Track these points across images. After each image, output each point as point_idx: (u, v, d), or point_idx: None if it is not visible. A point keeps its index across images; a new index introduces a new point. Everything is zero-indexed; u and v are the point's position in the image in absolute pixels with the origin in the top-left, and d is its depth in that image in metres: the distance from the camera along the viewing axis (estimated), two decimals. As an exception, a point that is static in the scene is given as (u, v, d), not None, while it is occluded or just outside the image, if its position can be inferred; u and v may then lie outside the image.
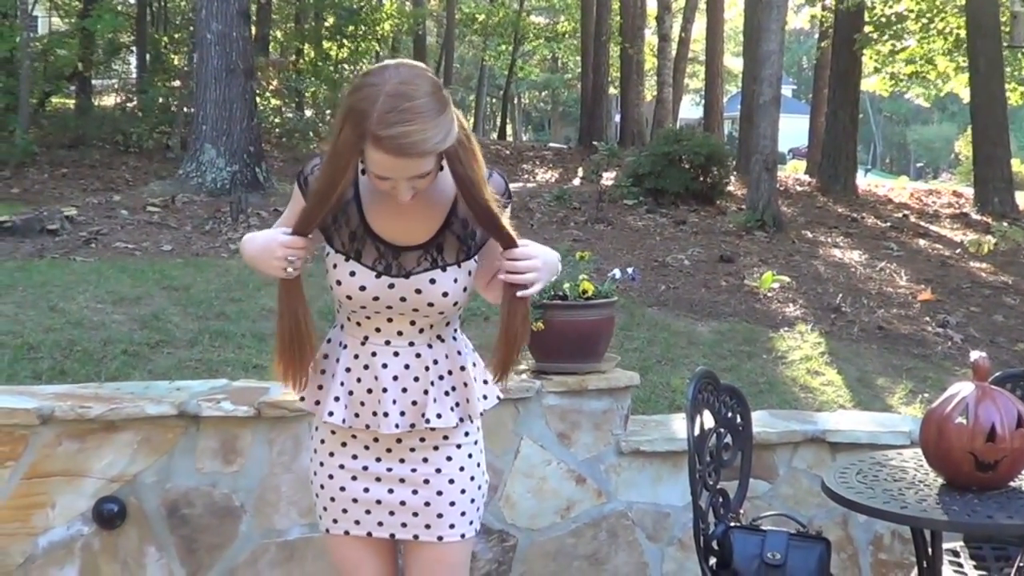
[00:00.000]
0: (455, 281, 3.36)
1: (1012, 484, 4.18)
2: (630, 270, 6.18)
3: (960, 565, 4.77)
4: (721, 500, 4.76)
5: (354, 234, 3.35)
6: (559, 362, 5.64)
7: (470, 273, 3.41)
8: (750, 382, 9.39)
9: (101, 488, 5.03)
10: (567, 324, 5.55)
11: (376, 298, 3.34)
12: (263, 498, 5.22)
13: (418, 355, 3.42)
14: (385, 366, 3.41)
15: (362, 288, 3.32)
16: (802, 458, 5.92)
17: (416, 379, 3.41)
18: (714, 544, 4.58)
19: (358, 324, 3.45)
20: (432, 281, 3.33)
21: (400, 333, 3.41)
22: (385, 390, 3.40)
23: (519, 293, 3.30)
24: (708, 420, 4.76)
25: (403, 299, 3.34)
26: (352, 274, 3.33)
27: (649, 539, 5.78)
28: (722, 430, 4.84)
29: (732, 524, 4.66)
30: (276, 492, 5.22)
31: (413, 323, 3.41)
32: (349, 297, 3.36)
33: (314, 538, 5.19)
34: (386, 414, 3.39)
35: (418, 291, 3.33)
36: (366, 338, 3.44)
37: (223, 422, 5.15)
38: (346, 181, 3.20)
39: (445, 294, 3.34)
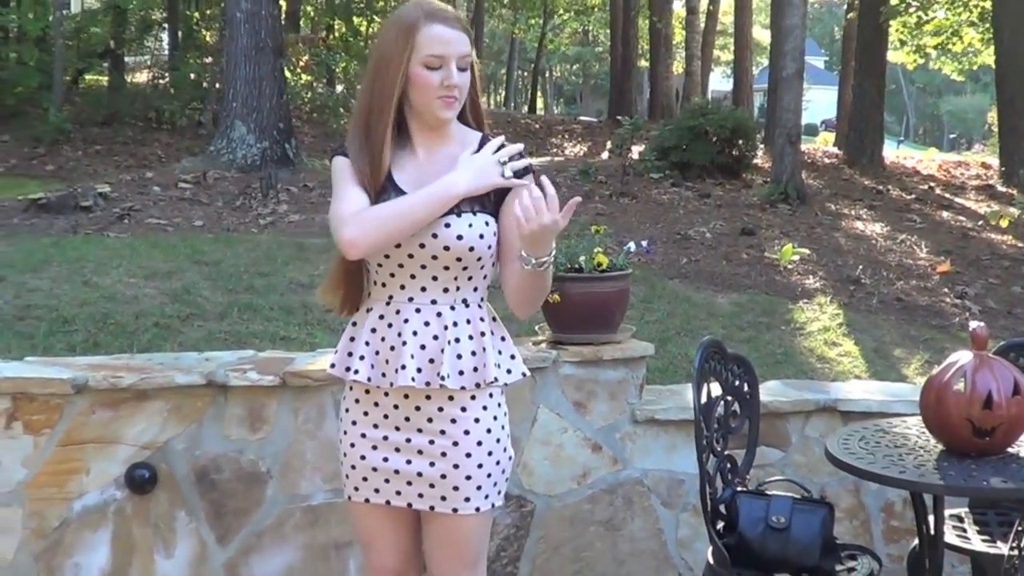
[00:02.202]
0: (470, 226, 3.49)
1: (1009, 450, 4.27)
2: (644, 243, 6.28)
3: (964, 531, 4.87)
4: (729, 466, 4.86)
5: (381, 187, 3.53)
6: (575, 333, 5.72)
7: (487, 224, 3.53)
8: (767, 353, 9.48)
9: (133, 455, 5.16)
10: (582, 296, 5.66)
11: (398, 244, 3.46)
12: (288, 464, 5.34)
13: (439, 314, 3.53)
14: (407, 321, 3.52)
15: None
16: (814, 427, 5.99)
17: (435, 337, 3.51)
18: (721, 508, 4.70)
19: (383, 285, 3.58)
20: (447, 225, 3.46)
21: (424, 289, 3.53)
22: (405, 343, 3.49)
23: (522, 229, 3.34)
24: (716, 389, 4.89)
25: (422, 245, 3.47)
26: None
27: (664, 505, 5.87)
28: (729, 398, 4.94)
29: (739, 489, 4.79)
30: (301, 458, 5.34)
31: (436, 278, 3.52)
32: None
33: (338, 503, 5.31)
34: (404, 367, 3.47)
35: (435, 235, 3.46)
36: (391, 297, 3.57)
37: (250, 391, 5.26)
38: (395, 90, 3.49)
39: (460, 237, 3.46)
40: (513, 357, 3.65)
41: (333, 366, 3.67)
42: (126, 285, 9.98)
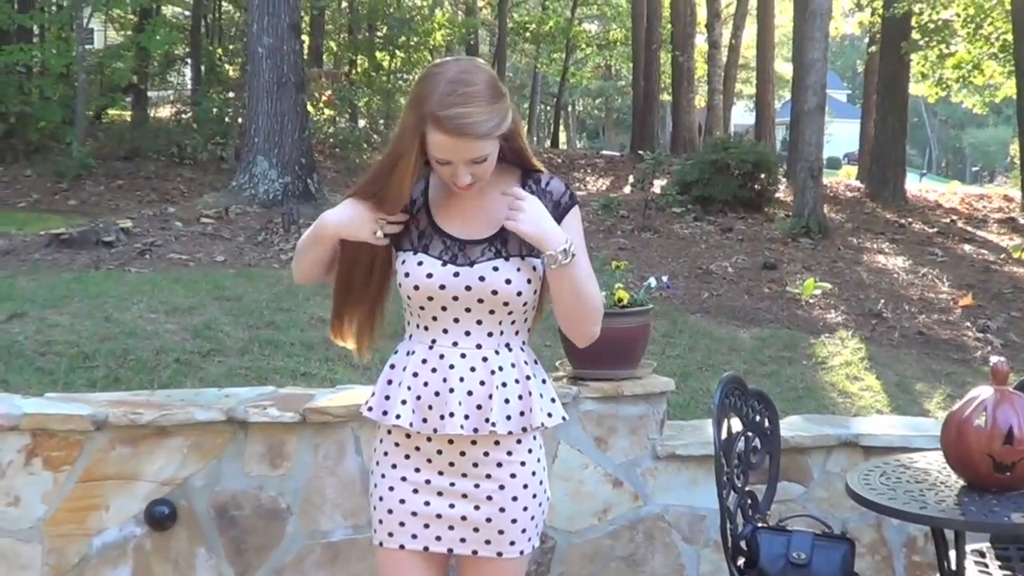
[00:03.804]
0: (518, 270, 3.42)
1: (1031, 485, 4.27)
2: (664, 279, 6.29)
3: (986, 565, 4.83)
4: (750, 502, 4.86)
5: (423, 232, 3.48)
6: (596, 369, 5.71)
7: (535, 269, 3.46)
8: (789, 387, 9.47)
9: (153, 491, 5.16)
10: (603, 332, 5.62)
11: (442, 286, 3.40)
12: (308, 500, 5.33)
13: (485, 359, 3.45)
14: (452, 367, 3.43)
15: (429, 275, 3.40)
16: (836, 462, 5.98)
17: (482, 383, 3.43)
18: (742, 544, 4.69)
19: (425, 328, 3.49)
20: (495, 269, 3.40)
21: (468, 333, 3.45)
22: (452, 390, 3.41)
23: (506, 223, 3.37)
24: (736, 425, 4.89)
25: (468, 288, 3.40)
26: (420, 263, 3.42)
27: (685, 541, 5.85)
28: (750, 434, 4.94)
29: (759, 525, 4.78)
30: (321, 495, 5.34)
31: (480, 322, 3.45)
32: (416, 287, 3.42)
33: (358, 539, 5.31)
34: (452, 414, 3.39)
35: (482, 278, 3.39)
36: (434, 341, 3.47)
37: (270, 428, 5.26)
38: (406, 164, 3.35)
39: (508, 281, 3.40)
40: (553, 400, 3.58)
41: (371, 409, 3.56)
42: (147, 321, 10.00)
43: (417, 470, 3.53)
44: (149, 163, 23.43)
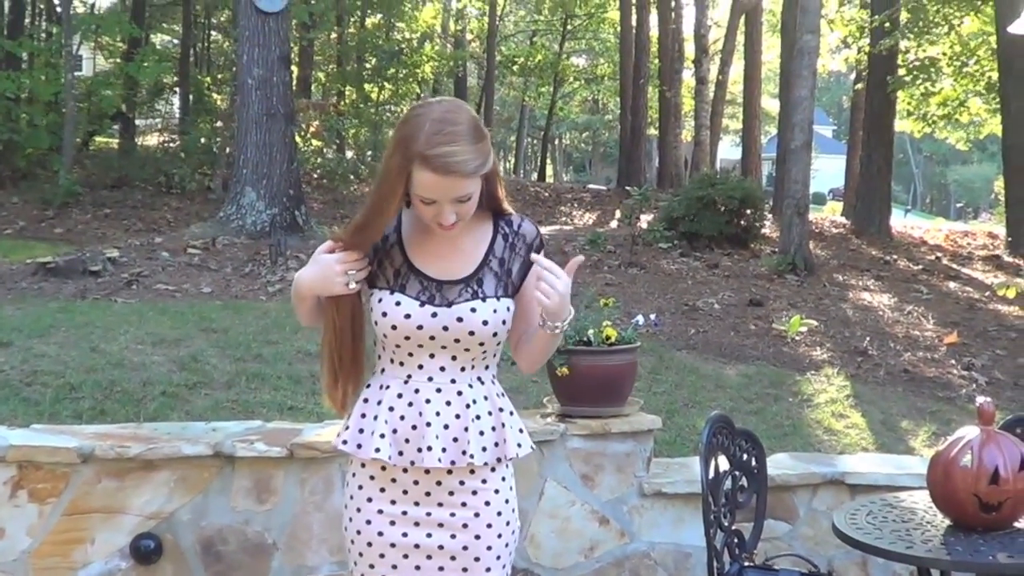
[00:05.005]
0: (495, 312, 3.46)
1: (1016, 525, 4.29)
2: (652, 316, 6.32)
3: (971, 605, 4.88)
4: (736, 540, 4.88)
5: (398, 271, 3.51)
6: (583, 406, 5.75)
7: (508, 309, 3.52)
8: (775, 425, 9.46)
9: (139, 525, 5.16)
10: (591, 369, 5.67)
11: (420, 327, 3.44)
12: (295, 536, 5.33)
13: (459, 392, 3.49)
14: (428, 401, 3.47)
15: (407, 316, 3.44)
16: (822, 500, 6.01)
17: (458, 416, 3.48)
18: (728, 583, 4.71)
19: (400, 364, 3.53)
20: (473, 310, 3.44)
21: (443, 369, 3.49)
22: (429, 424, 3.45)
23: (546, 307, 3.39)
24: (724, 464, 4.90)
25: (445, 328, 3.43)
26: (398, 304, 3.45)
27: (671, 578, 5.90)
28: (737, 473, 4.96)
29: (746, 564, 4.79)
30: (307, 530, 5.34)
31: (455, 358, 3.49)
32: (394, 327, 3.45)
33: (344, 575, 5.33)
34: (429, 448, 3.43)
35: (459, 319, 3.43)
36: (409, 376, 3.51)
37: (257, 462, 5.27)
38: (392, 205, 3.41)
39: (485, 322, 3.44)
40: (521, 431, 3.62)
41: (345, 443, 3.59)
42: (133, 352, 9.96)
43: (393, 502, 3.55)
44: (136, 192, 23.41)
